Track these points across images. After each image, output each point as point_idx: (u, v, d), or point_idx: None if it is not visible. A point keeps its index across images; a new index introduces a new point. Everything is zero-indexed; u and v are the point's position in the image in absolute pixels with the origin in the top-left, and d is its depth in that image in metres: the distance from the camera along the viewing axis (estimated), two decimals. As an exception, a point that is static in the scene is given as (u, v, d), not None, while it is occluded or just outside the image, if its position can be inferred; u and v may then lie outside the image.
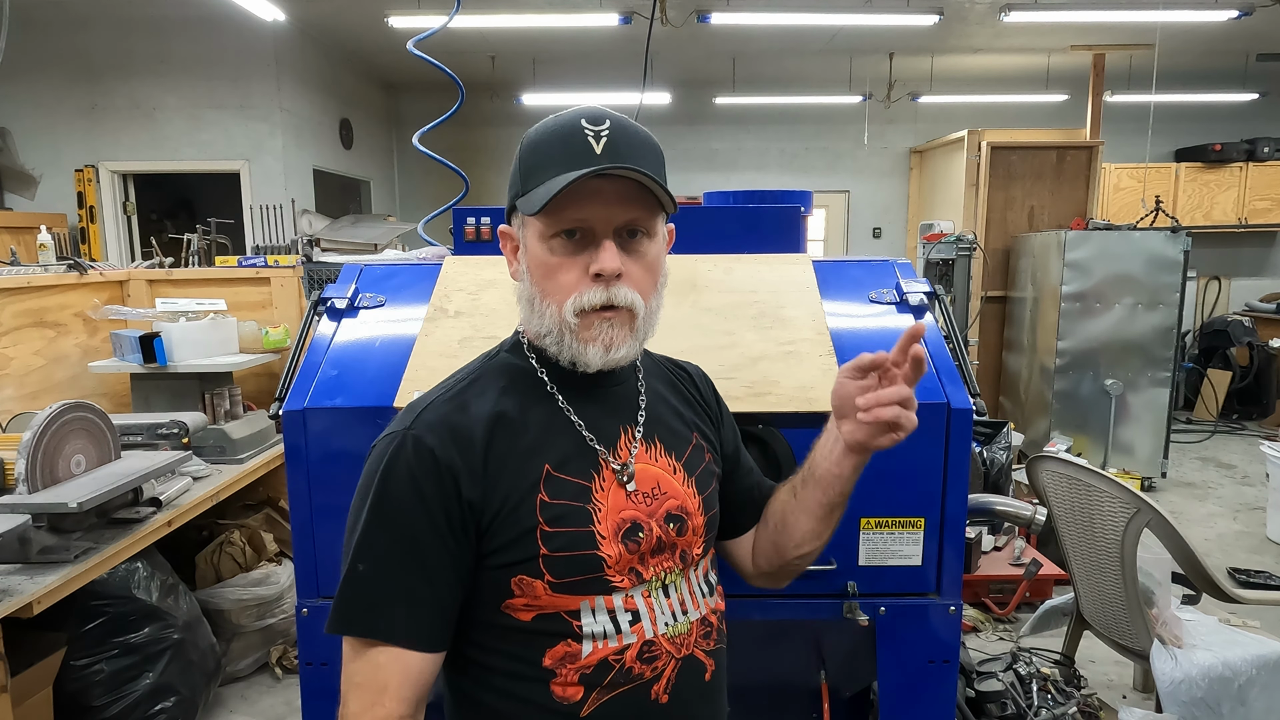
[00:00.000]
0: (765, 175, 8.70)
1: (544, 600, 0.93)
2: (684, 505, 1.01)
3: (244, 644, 2.94)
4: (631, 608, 0.95)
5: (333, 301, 1.61)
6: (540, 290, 0.95)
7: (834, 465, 1.00)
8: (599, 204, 0.91)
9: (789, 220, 1.80)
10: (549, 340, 0.96)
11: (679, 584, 1.00)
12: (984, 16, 6.07)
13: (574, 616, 0.93)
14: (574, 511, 0.93)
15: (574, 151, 0.91)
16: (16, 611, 1.81)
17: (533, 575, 0.92)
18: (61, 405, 2.18)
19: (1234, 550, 4.19)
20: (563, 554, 0.92)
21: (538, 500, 0.92)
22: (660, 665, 0.96)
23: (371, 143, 8.08)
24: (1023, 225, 5.88)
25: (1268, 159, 7.52)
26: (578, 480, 0.95)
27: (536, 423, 0.96)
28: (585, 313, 0.92)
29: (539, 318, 0.96)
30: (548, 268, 0.94)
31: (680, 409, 1.09)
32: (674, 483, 1.01)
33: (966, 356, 1.55)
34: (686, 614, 1.00)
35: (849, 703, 1.70)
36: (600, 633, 0.94)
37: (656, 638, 0.96)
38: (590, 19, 5.71)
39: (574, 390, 0.99)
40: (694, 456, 1.06)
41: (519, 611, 0.93)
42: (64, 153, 6.11)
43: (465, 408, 0.95)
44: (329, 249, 3.77)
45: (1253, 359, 6.74)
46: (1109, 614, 2.33)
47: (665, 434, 1.04)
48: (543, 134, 0.95)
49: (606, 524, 0.94)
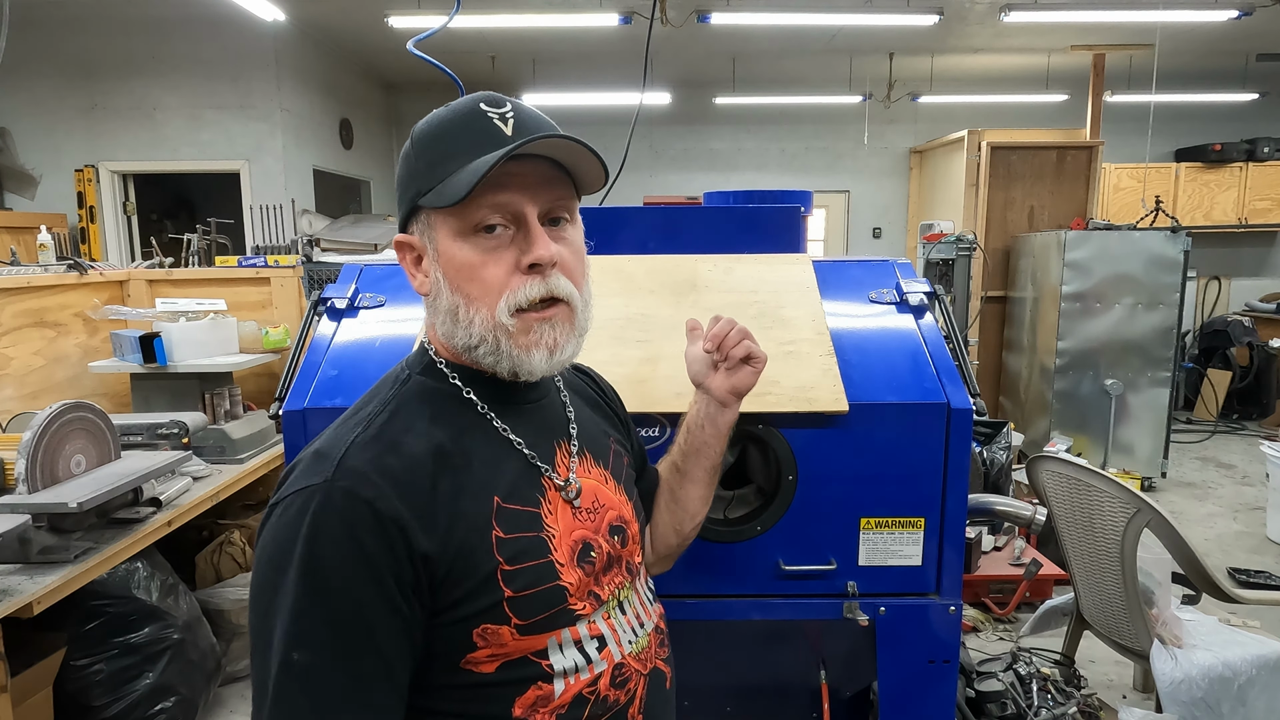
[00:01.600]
0: (765, 175, 8.70)
1: (510, 646, 0.82)
2: (622, 515, 0.97)
3: (244, 644, 2.93)
4: (596, 633, 0.89)
5: (333, 301, 1.61)
6: (464, 296, 0.84)
7: (711, 427, 1.09)
8: (521, 188, 0.83)
9: (789, 220, 1.80)
10: (481, 352, 0.85)
11: (631, 598, 0.96)
12: (984, 16, 6.07)
13: (542, 656, 0.84)
14: (531, 543, 0.85)
15: (481, 136, 0.83)
16: (16, 611, 1.81)
17: (498, 622, 0.81)
18: (61, 405, 2.18)
19: (1234, 550, 4.19)
20: (527, 592, 0.82)
21: (493, 538, 0.82)
22: (632, 686, 0.92)
23: (371, 143, 8.09)
24: (1023, 225, 5.88)
25: (1268, 159, 7.52)
26: (527, 508, 0.86)
27: (476, 452, 0.86)
28: (522, 312, 0.84)
29: (465, 329, 0.85)
30: (470, 268, 0.83)
31: (596, 416, 1.06)
32: (609, 493, 0.97)
33: (966, 356, 1.55)
34: (643, 626, 0.96)
35: (849, 703, 1.70)
36: (571, 667, 0.86)
37: (625, 659, 0.91)
38: (590, 19, 5.70)
39: (505, 408, 0.90)
40: (616, 463, 1.03)
41: (482, 665, 0.82)
42: (64, 153, 6.11)
43: (397, 447, 0.81)
44: (329, 249, 3.77)
45: (1253, 359, 6.74)
46: (1109, 614, 2.33)
47: (591, 444, 0.99)
48: (438, 125, 0.86)
49: (562, 549, 0.87)
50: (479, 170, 0.79)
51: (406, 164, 0.88)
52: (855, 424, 1.39)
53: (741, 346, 1.04)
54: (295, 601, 0.74)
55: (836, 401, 1.38)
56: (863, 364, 1.46)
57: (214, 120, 6.16)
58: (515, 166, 0.82)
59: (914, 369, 1.46)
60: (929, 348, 1.50)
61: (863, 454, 1.41)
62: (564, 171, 0.88)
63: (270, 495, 0.82)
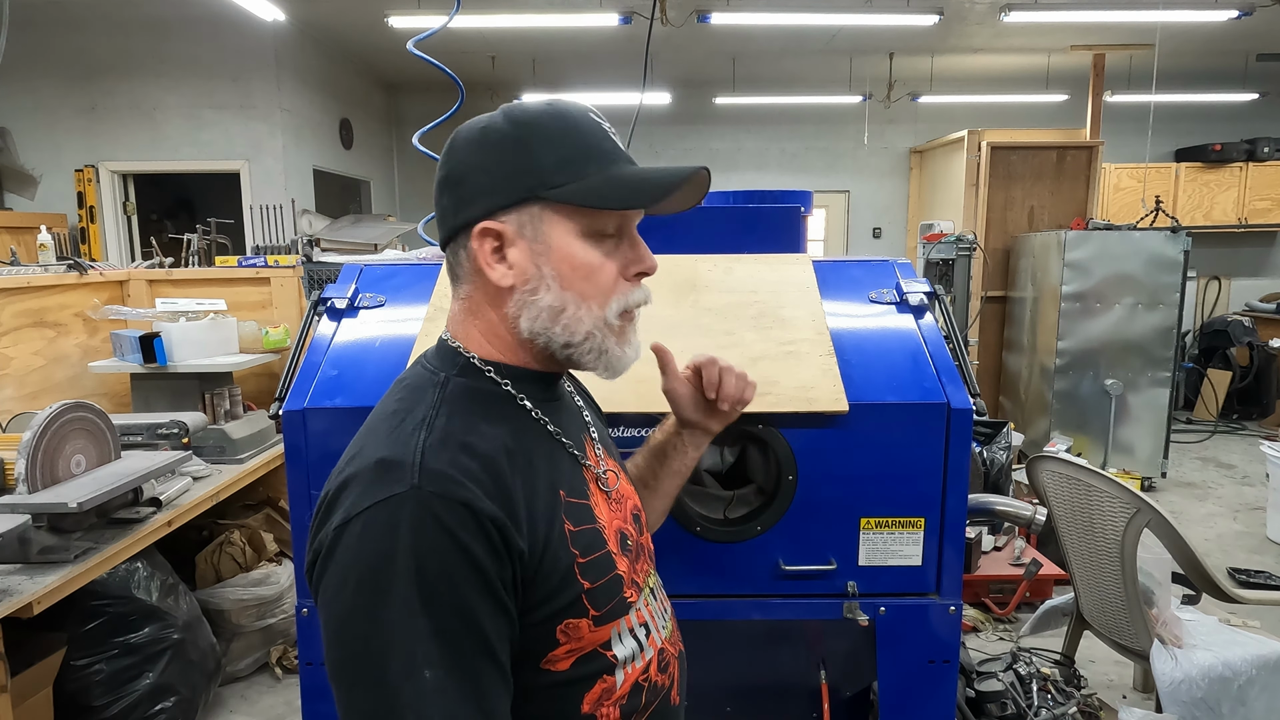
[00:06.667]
0: (765, 175, 8.70)
1: (586, 640, 0.83)
2: (636, 503, 1.01)
3: (244, 644, 2.94)
4: (643, 620, 0.92)
5: (333, 301, 1.61)
6: (577, 294, 0.85)
7: (695, 450, 1.13)
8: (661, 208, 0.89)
9: (789, 220, 1.80)
10: (585, 348, 0.86)
11: (656, 583, 1.00)
12: (984, 16, 6.07)
13: (607, 648, 0.86)
14: (593, 535, 0.87)
15: (609, 146, 0.86)
16: (16, 611, 1.81)
17: (579, 615, 0.82)
18: (61, 405, 2.18)
19: (1234, 550, 4.19)
20: (600, 582, 0.85)
21: (566, 532, 0.83)
22: (672, 670, 0.96)
23: (371, 143, 8.08)
24: (1023, 225, 5.88)
25: (1268, 159, 7.52)
26: (583, 501, 0.89)
27: (535, 449, 0.87)
28: (625, 314, 0.89)
29: (567, 326, 0.85)
30: (590, 268, 0.85)
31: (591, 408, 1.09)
32: (624, 481, 1.00)
33: (966, 356, 1.55)
34: (667, 611, 1.00)
35: (849, 703, 1.70)
36: (630, 655, 0.88)
37: (664, 644, 0.95)
38: (590, 19, 5.71)
39: (544, 405, 0.91)
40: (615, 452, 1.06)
41: (559, 662, 0.82)
42: (64, 153, 6.11)
43: (470, 449, 0.79)
44: (329, 249, 3.77)
45: (1253, 359, 6.74)
46: (1109, 614, 2.33)
47: (602, 435, 1.03)
48: (560, 121, 0.85)
49: (612, 538, 0.89)
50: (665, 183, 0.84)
51: (506, 153, 0.84)
52: (855, 424, 1.39)
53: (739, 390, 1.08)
54: (412, 619, 0.70)
55: (836, 401, 1.38)
56: (863, 364, 1.46)
57: (214, 120, 6.16)
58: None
59: (914, 369, 1.46)
60: (929, 348, 1.50)
61: (863, 454, 1.40)
62: None
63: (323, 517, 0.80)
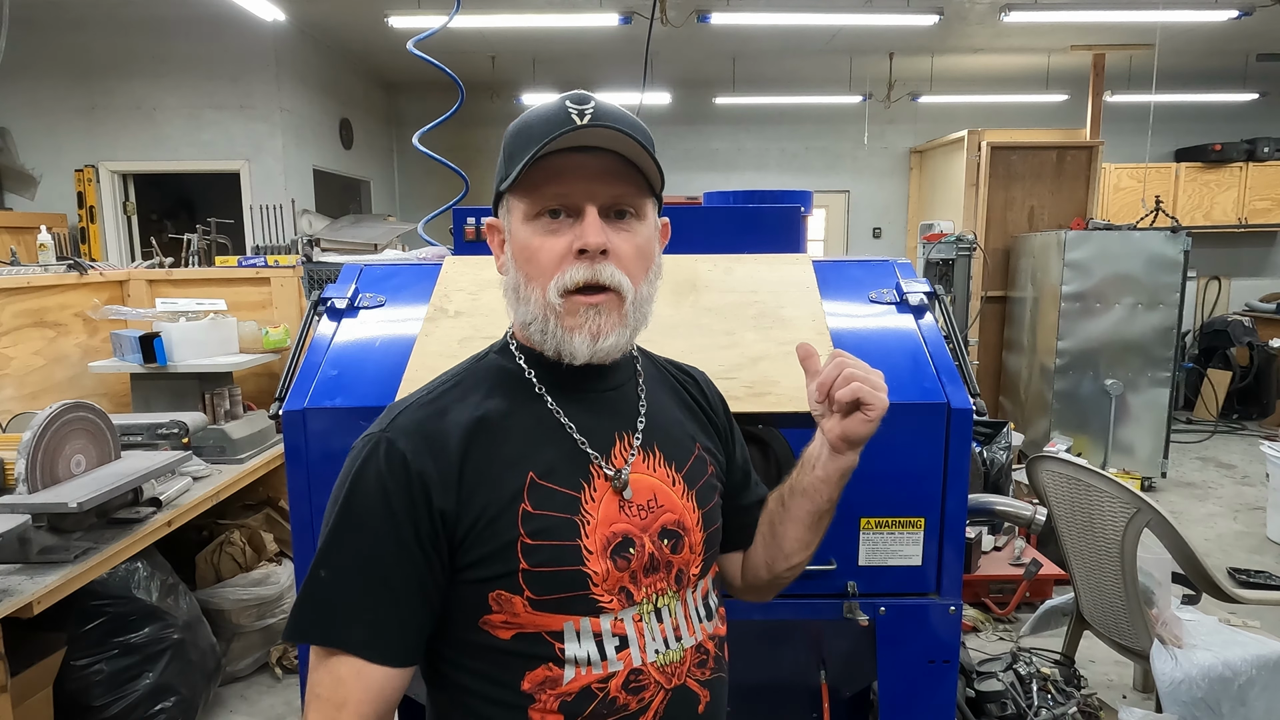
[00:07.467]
0: (765, 175, 8.70)
1: (523, 618, 0.87)
2: (682, 520, 0.95)
3: (244, 644, 2.94)
4: (620, 632, 0.89)
5: (333, 301, 1.61)
6: (524, 275, 0.91)
7: (820, 470, 0.99)
8: (581, 178, 0.88)
9: (789, 220, 1.80)
10: (534, 329, 0.91)
11: (673, 607, 0.93)
12: (984, 16, 6.07)
13: (556, 638, 0.87)
14: (560, 524, 0.88)
15: (555, 128, 0.86)
16: (16, 611, 1.81)
17: (511, 590, 0.86)
18: (61, 405, 2.18)
19: (1234, 550, 4.19)
20: (545, 569, 0.86)
21: (520, 510, 0.87)
22: (648, 696, 0.90)
23: (371, 143, 8.08)
24: (1023, 225, 5.88)
25: (1268, 159, 7.52)
26: (565, 490, 0.89)
27: (522, 427, 0.91)
28: (569, 294, 0.88)
29: (524, 305, 0.91)
30: (530, 249, 0.89)
31: (683, 418, 1.03)
32: (672, 495, 0.95)
33: (966, 356, 1.55)
34: (680, 640, 0.93)
35: (849, 703, 1.70)
36: (584, 658, 0.87)
37: (644, 666, 0.90)
38: (590, 19, 5.71)
39: (565, 393, 0.94)
40: (696, 468, 0.99)
41: (497, 629, 0.88)
42: (64, 153, 6.11)
43: (444, 413, 0.90)
44: (329, 249, 3.77)
45: (1253, 359, 6.74)
46: (1109, 614, 2.33)
47: (665, 442, 0.97)
48: (526, 118, 0.92)
49: (595, 538, 0.88)
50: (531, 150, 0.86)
51: (500, 154, 0.94)
52: (855, 424, 1.39)
53: (848, 390, 0.91)
54: (333, 528, 0.87)
55: (836, 401, 1.37)
56: (863, 364, 1.46)
57: (214, 120, 6.16)
58: (583, 158, 0.88)
59: (914, 369, 1.46)
60: (929, 348, 1.50)
61: (862, 454, 1.40)
62: (636, 169, 0.91)
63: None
